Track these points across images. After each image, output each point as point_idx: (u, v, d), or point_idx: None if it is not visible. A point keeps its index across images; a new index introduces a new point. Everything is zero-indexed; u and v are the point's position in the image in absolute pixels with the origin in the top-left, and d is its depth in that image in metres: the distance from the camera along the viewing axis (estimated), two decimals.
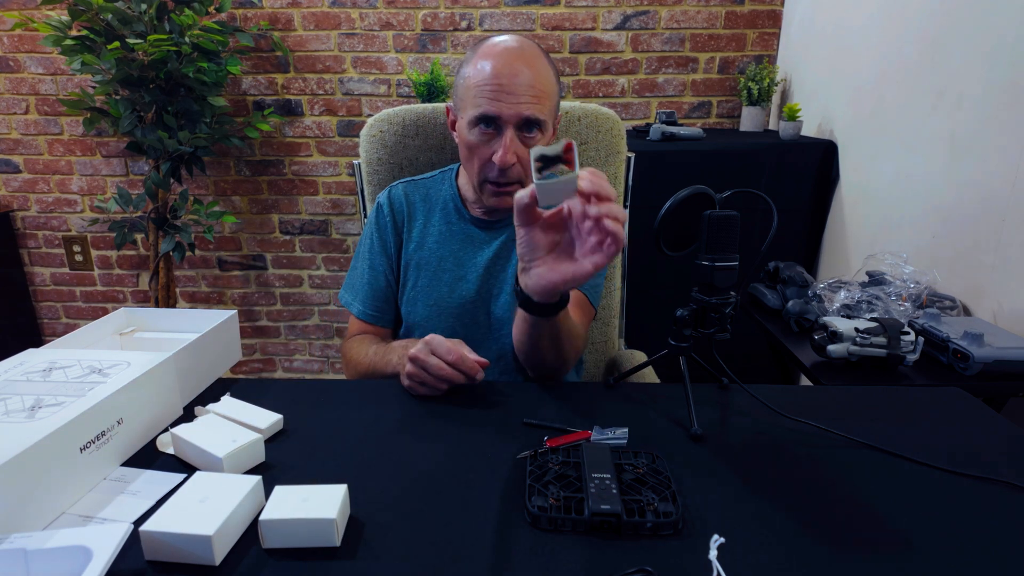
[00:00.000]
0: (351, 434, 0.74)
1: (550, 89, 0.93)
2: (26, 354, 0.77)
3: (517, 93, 0.89)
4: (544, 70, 0.93)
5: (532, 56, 0.92)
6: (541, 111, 0.91)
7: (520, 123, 0.91)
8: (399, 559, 0.53)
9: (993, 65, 1.26)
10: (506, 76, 0.89)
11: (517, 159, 0.92)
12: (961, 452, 0.70)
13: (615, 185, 1.21)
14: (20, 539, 0.50)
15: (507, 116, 0.90)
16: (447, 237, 1.05)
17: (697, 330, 0.79)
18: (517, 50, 0.92)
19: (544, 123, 0.93)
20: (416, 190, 1.09)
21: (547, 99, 0.93)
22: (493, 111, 0.90)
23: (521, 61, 0.91)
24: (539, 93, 0.91)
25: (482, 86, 0.90)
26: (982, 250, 1.28)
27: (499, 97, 0.90)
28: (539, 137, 0.93)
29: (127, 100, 1.94)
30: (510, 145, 0.91)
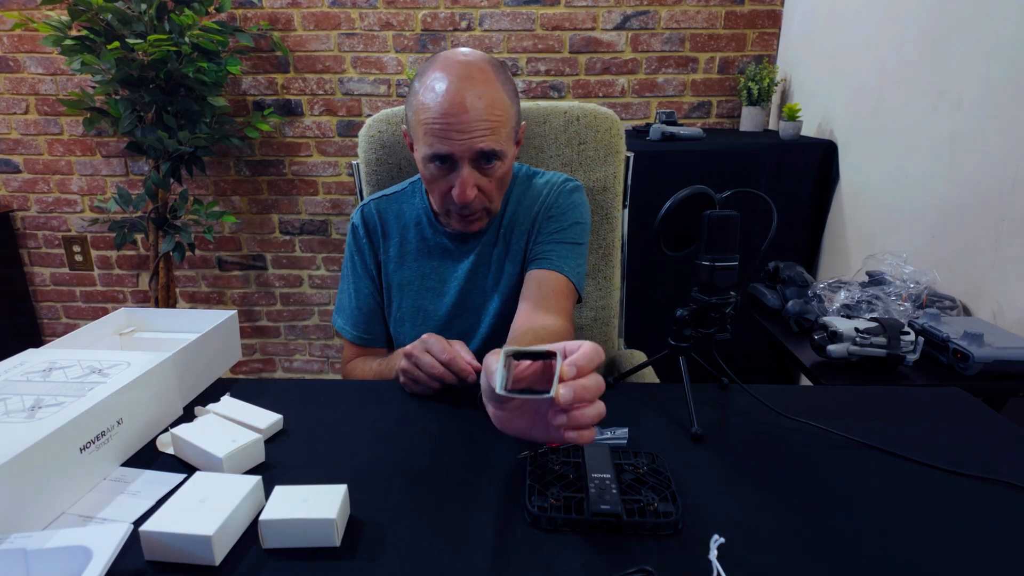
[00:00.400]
0: (351, 434, 0.74)
1: (504, 114, 0.87)
2: (26, 354, 0.77)
3: (468, 129, 0.84)
4: (496, 93, 0.86)
5: (482, 80, 0.85)
6: (497, 141, 0.86)
7: (475, 157, 0.87)
8: (399, 559, 0.53)
9: (993, 65, 1.26)
10: (454, 113, 0.83)
11: (479, 190, 0.90)
12: (961, 452, 0.70)
13: (614, 185, 1.21)
14: (20, 539, 0.50)
15: (460, 153, 0.86)
16: (424, 253, 1.04)
17: (697, 330, 0.79)
18: (464, 78, 0.84)
19: (502, 152, 0.88)
20: (388, 206, 1.06)
21: (503, 125, 0.87)
22: (445, 150, 0.86)
23: (470, 90, 0.84)
24: (492, 123, 0.85)
25: (430, 123, 0.85)
26: (982, 250, 1.28)
27: (449, 135, 0.85)
28: (499, 165, 0.89)
29: (127, 100, 1.94)
30: (467, 180, 0.87)
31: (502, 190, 0.96)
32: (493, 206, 0.95)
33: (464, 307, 1.03)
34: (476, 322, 1.04)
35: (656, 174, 1.82)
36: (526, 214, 1.03)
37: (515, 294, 1.01)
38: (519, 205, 1.04)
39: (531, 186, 1.05)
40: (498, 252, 1.03)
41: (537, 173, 1.07)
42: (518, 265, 1.02)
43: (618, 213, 1.23)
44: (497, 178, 0.92)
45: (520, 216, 1.03)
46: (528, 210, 1.03)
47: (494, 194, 0.93)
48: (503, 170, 0.91)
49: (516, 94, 0.93)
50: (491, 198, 0.93)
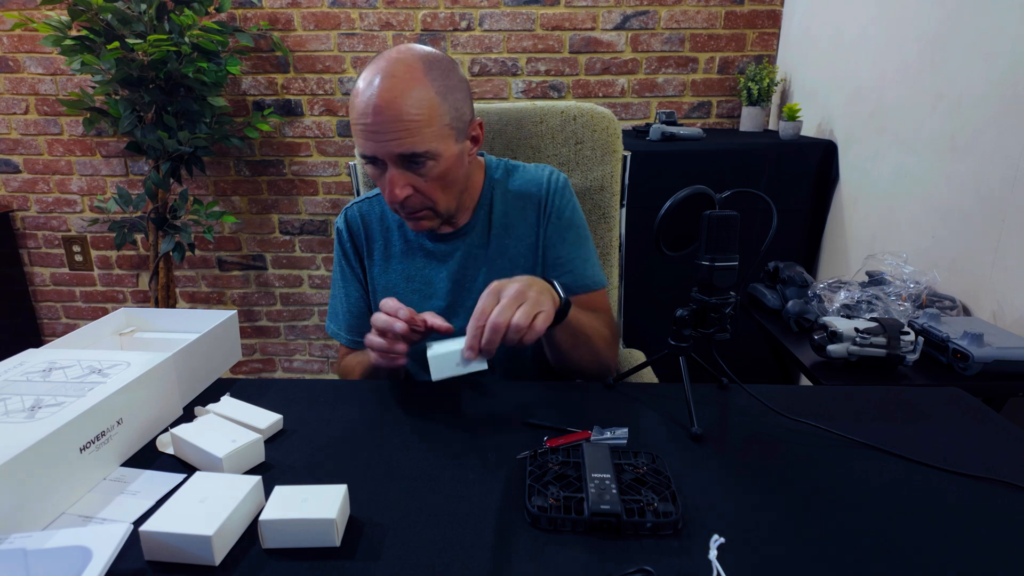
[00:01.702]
0: (351, 434, 0.74)
1: (428, 113, 0.83)
2: (26, 354, 0.77)
3: (386, 132, 0.82)
4: (419, 92, 0.82)
5: (405, 79, 0.82)
6: (419, 143, 0.83)
7: (399, 159, 0.85)
8: (399, 559, 0.53)
9: (993, 65, 1.26)
10: (371, 115, 0.82)
11: (413, 189, 0.87)
12: (961, 452, 0.70)
13: (611, 184, 1.21)
14: (20, 539, 0.50)
15: (383, 156, 0.84)
16: (408, 255, 1.02)
17: (697, 330, 0.79)
18: (386, 78, 0.82)
19: (429, 152, 0.84)
20: (371, 209, 1.05)
21: (426, 125, 0.83)
22: (369, 152, 0.85)
23: (390, 91, 0.81)
24: (411, 126, 0.82)
25: (355, 125, 0.85)
26: (982, 250, 1.28)
27: (370, 137, 0.83)
28: (432, 165, 0.86)
29: (127, 100, 1.94)
30: (396, 181, 0.85)
31: (449, 189, 0.91)
32: (440, 206, 0.91)
33: (452, 309, 1.00)
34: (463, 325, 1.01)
35: (656, 174, 1.82)
36: (521, 217, 1.01)
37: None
38: (507, 204, 1.01)
39: (514, 185, 1.02)
40: (491, 253, 1.00)
41: (516, 168, 1.04)
42: (520, 269, 1.00)
43: (616, 212, 1.23)
44: (434, 178, 0.87)
45: (513, 218, 1.01)
46: (522, 212, 1.01)
47: (435, 193, 0.89)
48: (440, 169, 0.87)
49: (454, 89, 0.87)
50: (433, 198, 0.89)
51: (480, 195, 1.01)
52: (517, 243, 1.01)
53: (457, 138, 0.89)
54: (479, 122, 0.94)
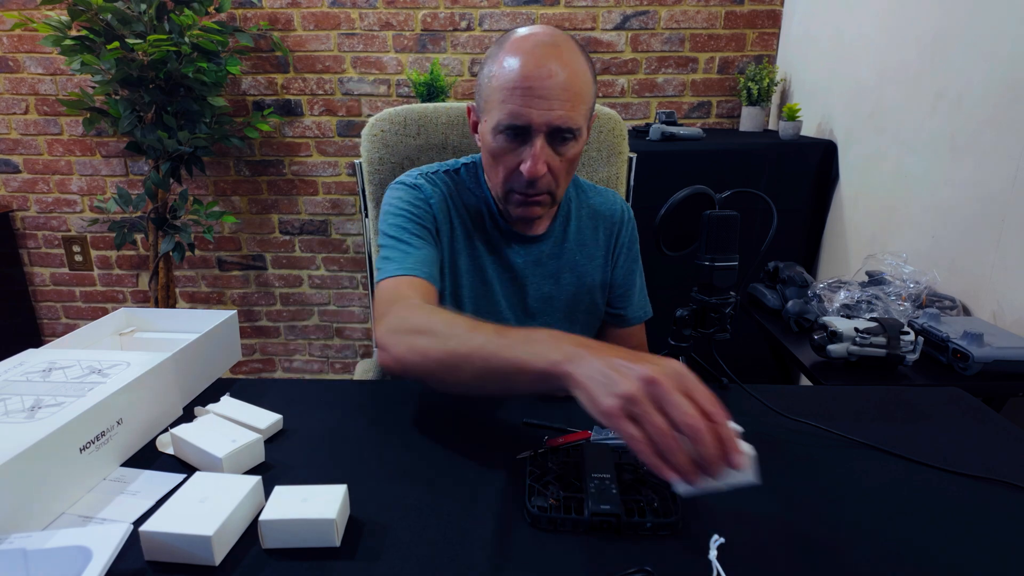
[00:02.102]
0: (351, 434, 0.74)
1: (586, 91, 0.82)
2: (26, 354, 0.77)
3: (549, 97, 0.78)
4: (581, 69, 0.81)
5: (568, 52, 0.80)
6: (575, 118, 0.80)
7: (551, 131, 0.81)
8: (399, 559, 0.53)
9: (993, 65, 1.26)
10: (536, 78, 0.78)
11: (548, 169, 0.82)
12: (961, 452, 0.70)
13: (617, 186, 1.21)
14: (20, 539, 0.50)
15: (537, 124, 0.79)
16: (482, 244, 0.96)
17: (697, 330, 0.79)
18: (550, 46, 0.79)
19: (578, 130, 0.82)
20: (448, 186, 0.95)
21: (582, 102, 0.81)
22: (523, 119, 0.79)
23: (555, 59, 0.78)
24: (573, 96, 0.79)
25: (509, 88, 0.79)
26: (982, 250, 1.28)
27: (528, 103, 0.78)
28: (572, 145, 0.83)
29: (127, 100, 1.94)
30: (540, 155, 0.80)
31: (570, 175, 0.88)
32: (559, 192, 0.87)
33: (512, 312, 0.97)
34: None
35: (656, 174, 1.81)
36: (593, 236, 1.01)
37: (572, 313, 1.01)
38: (581, 220, 1.00)
39: (587, 202, 1.02)
40: (561, 266, 0.99)
41: (586, 186, 1.04)
42: (586, 288, 1.01)
43: None
44: (568, 159, 0.84)
45: (586, 237, 1.00)
46: (593, 232, 1.01)
47: (561, 177, 0.86)
48: (576, 151, 0.84)
49: (596, 79, 0.86)
50: (558, 181, 0.86)
51: (560, 204, 0.99)
52: (587, 261, 1.01)
53: (587, 124, 0.87)
54: (595, 116, 0.92)
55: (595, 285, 1.02)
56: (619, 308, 1.06)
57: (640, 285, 1.09)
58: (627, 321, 1.07)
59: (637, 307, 1.08)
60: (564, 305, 1.01)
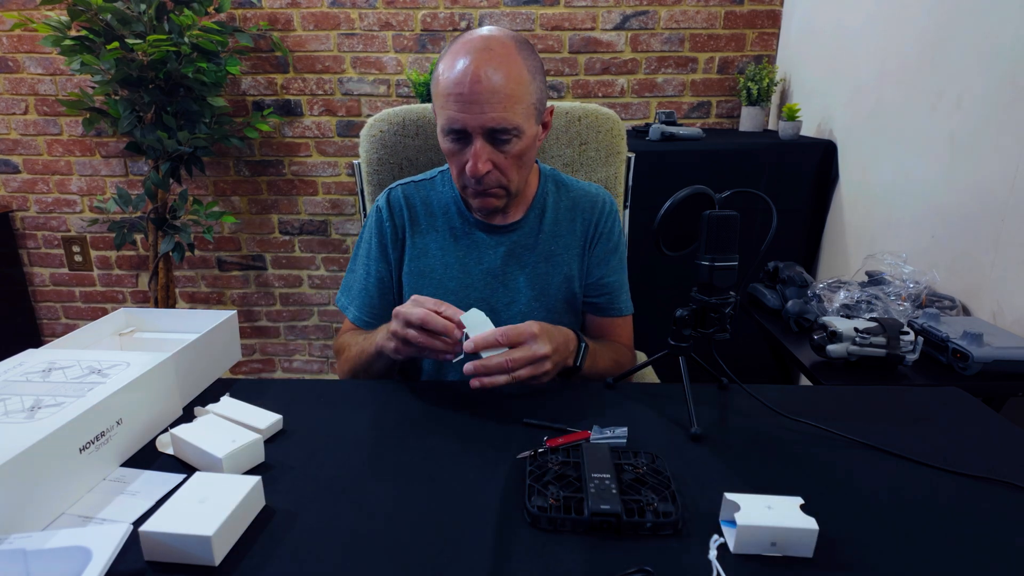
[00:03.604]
0: (351, 434, 0.74)
1: (521, 91, 0.86)
2: (25, 354, 0.77)
3: (481, 102, 0.83)
4: (515, 70, 0.85)
5: (502, 55, 0.85)
6: (510, 119, 0.85)
7: (488, 133, 0.86)
8: (399, 559, 0.53)
9: (993, 65, 1.26)
10: (468, 83, 0.83)
11: (493, 166, 0.88)
12: (961, 452, 0.70)
13: (615, 186, 1.21)
14: (20, 539, 0.50)
15: (472, 127, 0.85)
16: (451, 243, 1.02)
17: (697, 330, 0.79)
18: (483, 51, 0.84)
19: (516, 129, 0.86)
20: (417, 192, 1.05)
21: (518, 102, 0.86)
22: (459, 123, 0.86)
23: (488, 63, 0.83)
24: (505, 99, 0.84)
25: (445, 95, 0.86)
26: (981, 250, 1.28)
27: (462, 108, 0.84)
28: (514, 141, 0.88)
29: (126, 100, 1.94)
30: (479, 155, 0.86)
31: (522, 169, 0.93)
32: (512, 185, 0.92)
33: (486, 303, 1.00)
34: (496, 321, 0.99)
35: (656, 174, 1.81)
36: (570, 227, 1.02)
37: (546, 302, 1.01)
38: (558, 213, 1.03)
39: (568, 195, 1.04)
40: (535, 257, 1.01)
41: (569, 181, 1.06)
42: (561, 277, 1.02)
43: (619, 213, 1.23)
44: (514, 155, 0.89)
45: (562, 228, 1.02)
46: (571, 223, 1.03)
47: (511, 172, 0.91)
48: (520, 147, 0.89)
49: (541, 72, 0.90)
50: (508, 176, 0.91)
51: (535, 196, 1.03)
52: (564, 251, 1.02)
53: (536, 119, 0.91)
54: (551, 109, 0.96)
55: (572, 275, 1.02)
56: (594, 297, 1.05)
57: (622, 278, 1.07)
58: (603, 310, 1.06)
59: (616, 299, 1.06)
60: (541, 294, 1.01)
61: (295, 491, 0.63)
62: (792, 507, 0.56)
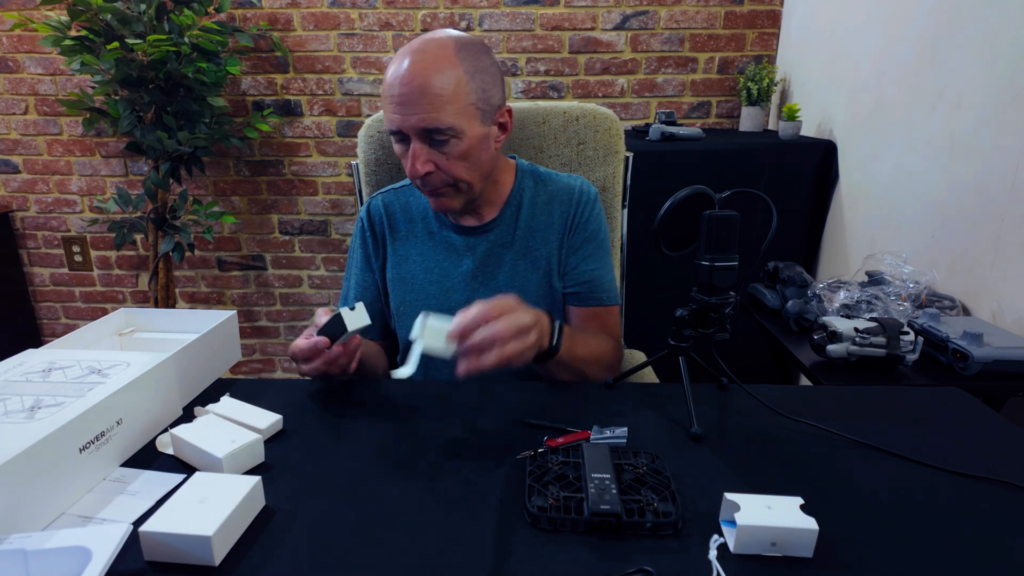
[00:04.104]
0: (351, 434, 0.74)
1: (454, 90, 0.85)
2: (25, 354, 0.77)
3: (409, 103, 0.84)
4: (447, 71, 0.85)
5: (436, 57, 0.85)
6: (442, 119, 0.85)
7: (422, 133, 0.86)
8: (399, 559, 0.53)
9: (993, 65, 1.26)
10: (399, 86, 0.84)
11: (435, 167, 0.89)
12: (961, 452, 0.70)
13: (613, 185, 1.21)
14: (19, 539, 0.50)
15: (406, 128, 0.86)
16: (430, 248, 1.03)
17: (697, 330, 0.79)
18: (417, 52, 0.85)
19: (452, 129, 0.86)
20: (396, 200, 1.06)
21: (450, 103, 0.85)
22: (395, 125, 0.87)
23: (420, 65, 0.84)
24: (434, 99, 0.84)
25: (386, 96, 0.87)
26: (982, 250, 1.28)
27: (395, 109, 0.86)
28: (453, 142, 0.87)
29: (126, 100, 1.94)
30: (416, 156, 0.87)
31: (474, 169, 0.92)
32: (462, 183, 0.92)
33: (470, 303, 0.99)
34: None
35: (656, 174, 1.81)
36: (547, 220, 1.02)
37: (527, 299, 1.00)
38: (535, 208, 1.02)
39: (546, 189, 1.04)
40: (515, 252, 1.01)
41: (549, 175, 1.06)
42: (541, 272, 1.01)
43: (617, 213, 1.23)
44: (456, 156, 0.89)
45: (539, 222, 1.02)
46: (548, 216, 1.02)
47: (456, 170, 0.90)
48: (463, 148, 0.88)
49: (483, 72, 0.89)
50: (454, 175, 0.90)
51: (510, 194, 1.03)
52: (541, 246, 1.02)
53: (483, 120, 0.90)
54: (508, 109, 0.96)
55: (552, 269, 1.02)
56: (573, 287, 1.02)
57: (602, 267, 1.04)
58: (583, 299, 1.03)
59: (598, 288, 1.03)
60: (521, 291, 1.01)
61: (295, 491, 0.63)
62: (792, 507, 0.56)
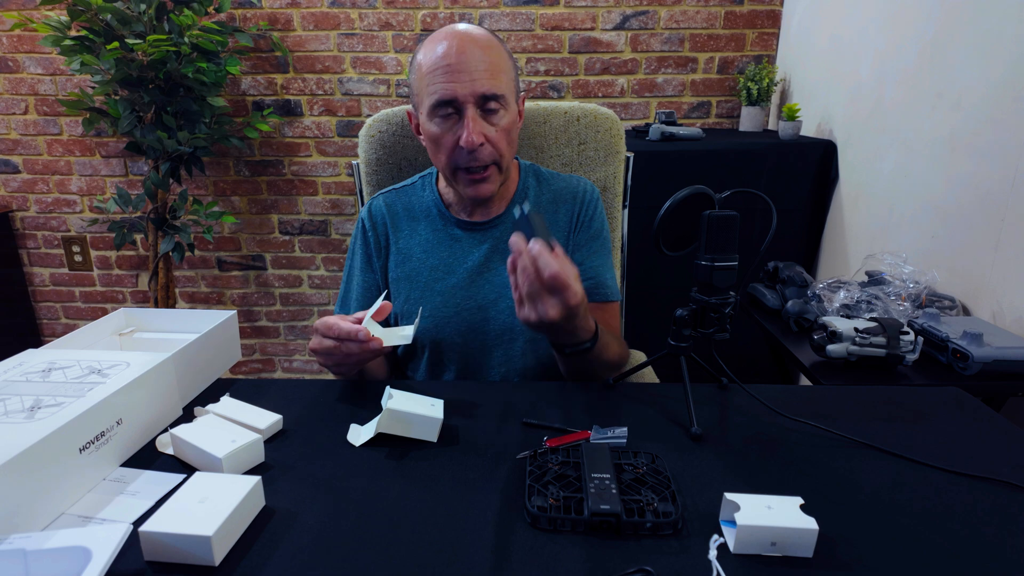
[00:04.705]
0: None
1: (504, 64, 0.92)
2: (25, 354, 0.77)
3: (470, 70, 0.87)
4: (495, 48, 0.91)
5: (480, 36, 0.91)
6: (497, 85, 0.90)
7: (479, 100, 0.89)
8: (399, 558, 0.53)
9: (993, 65, 1.26)
10: (455, 55, 0.88)
11: (485, 139, 0.90)
12: (961, 452, 0.70)
13: (614, 185, 1.21)
14: (19, 539, 0.50)
15: (463, 96, 0.88)
16: (434, 245, 1.03)
17: (697, 330, 0.79)
18: (464, 32, 0.91)
19: (504, 97, 0.91)
20: (398, 199, 1.07)
21: (502, 73, 0.91)
22: (449, 93, 0.88)
23: (466, 39, 0.89)
24: (492, 67, 0.89)
25: (432, 72, 0.89)
26: (981, 250, 1.28)
27: (452, 78, 0.88)
28: (502, 112, 0.91)
29: (126, 100, 1.94)
30: (474, 125, 0.89)
31: (511, 145, 0.95)
32: (504, 161, 0.94)
33: (474, 301, 1.01)
34: (485, 317, 1.00)
35: (656, 174, 1.82)
36: (552, 218, 1.03)
37: None
38: (539, 207, 1.03)
39: (549, 188, 1.05)
40: None
41: (550, 175, 1.07)
42: None
43: (618, 213, 1.23)
44: (503, 128, 0.92)
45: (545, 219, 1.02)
46: (553, 214, 1.03)
47: (502, 146, 0.93)
48: (508, 121, 0.92)
49: (515, 65, 0.96)
50: (500, 151, 0.92)
51: (516, 191, 1.04)
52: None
53: (516, 98, 0.96)
54: (524, 98, 1.01)
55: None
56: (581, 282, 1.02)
57: (605, 264, 1.05)
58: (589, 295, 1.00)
59: (602, 284, 1.03)
60: None
61: (295, 491, 0.63)
62: (792, 507, 0.56)
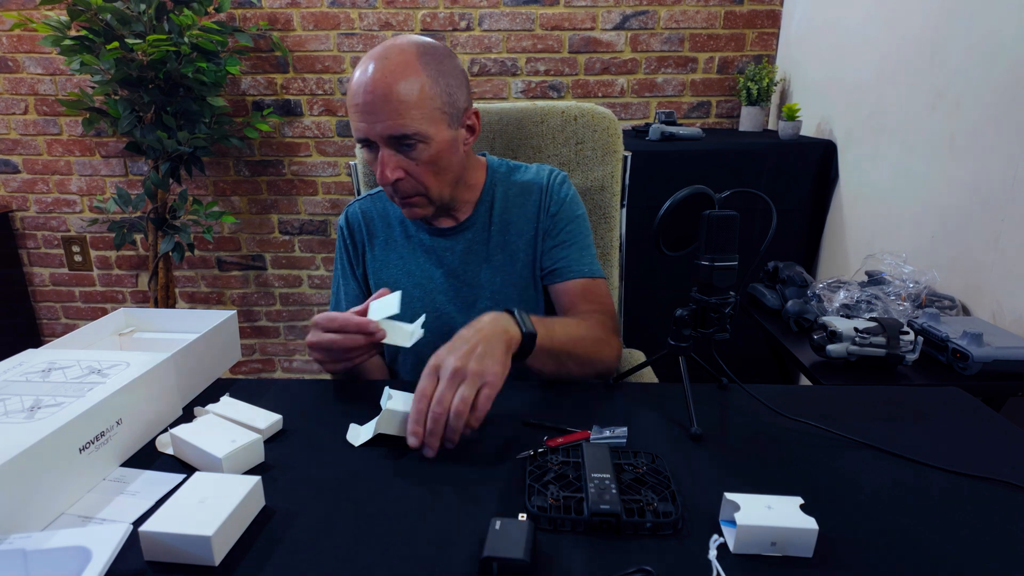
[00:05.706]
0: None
1: (418, 95, 0.85)
2: (25, 354, 0.77)
3: (378, 112, 0.85)
4: (411, 75, 0.85)
5: (398, 63, 0.85)
6: (408, 125, 0.85)
7: (389, 141, 0.87)
8: (399, 558, 0.53)
9: (993, 65, 1.26)
10: (362, 93, 0.85)
11: (405, 173, 0.88)
12: (961, 452, 0.70)
13: (612, 185, 1.21)
14: (19, 539, 0.50)
15: (372, 136, 0.86)
16: (409, 251, 1.03)
17: (696, 330, 0.79)
18: (380, 59, 0.85)
19: (419, 134, 0.86)
20: (373, 206, 1.06)
21: (413, 108, 0.85)
22: (362, 133, 0.87)
23: (382, 72, 0.84)
24: (399, 105, 0.84)
25: (351, 105, 0.87)
26: (981, 250, 1.28)
27: (361, 118, 0.86)
28: (421, 147, 0.87)
29: (126, 100, 1.94)
30: (385, 164, 0.87)
31: (441, 175, 0.92)
32: (432, 191, 0.92)
33: (452, 305, 1.02)
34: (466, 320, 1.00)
35: (655, 174, 1.82)
36: (520, 212, 1.03)
37: (510, 293, 1.01)
38: (507, 202, 1.03)
39: (516, 182, 1.04)
40: (492, 248, 1.02)
41: (518, 167, 1.06)
42: (520, 264, 1.02)
43: (616, 213, 1.23)
44: (425, 161, 0.89)
45: (513, 215, 1.02)
46: (522, 208, 1.03)
47: (426, 178, 0.90)
48: (431, 153, 0.88)
49: (447, 75, 0.89)
50: (424, 182, 0.90)
51: (482, 191, 1.03)
52: (517, 238, 1.02)
53: (450, 124, 0.90)
54: (475, 111, 0.95)
55: (531, 259, 1.02)
56: (552, 265, 1.01)
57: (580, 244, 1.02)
58: (563, 274, 1.00)
59: (578, 261, 1.01)
60: (504, 284, 1.01)
61: (295, 491, 0.63)
62: (792, 507, 0.56)
